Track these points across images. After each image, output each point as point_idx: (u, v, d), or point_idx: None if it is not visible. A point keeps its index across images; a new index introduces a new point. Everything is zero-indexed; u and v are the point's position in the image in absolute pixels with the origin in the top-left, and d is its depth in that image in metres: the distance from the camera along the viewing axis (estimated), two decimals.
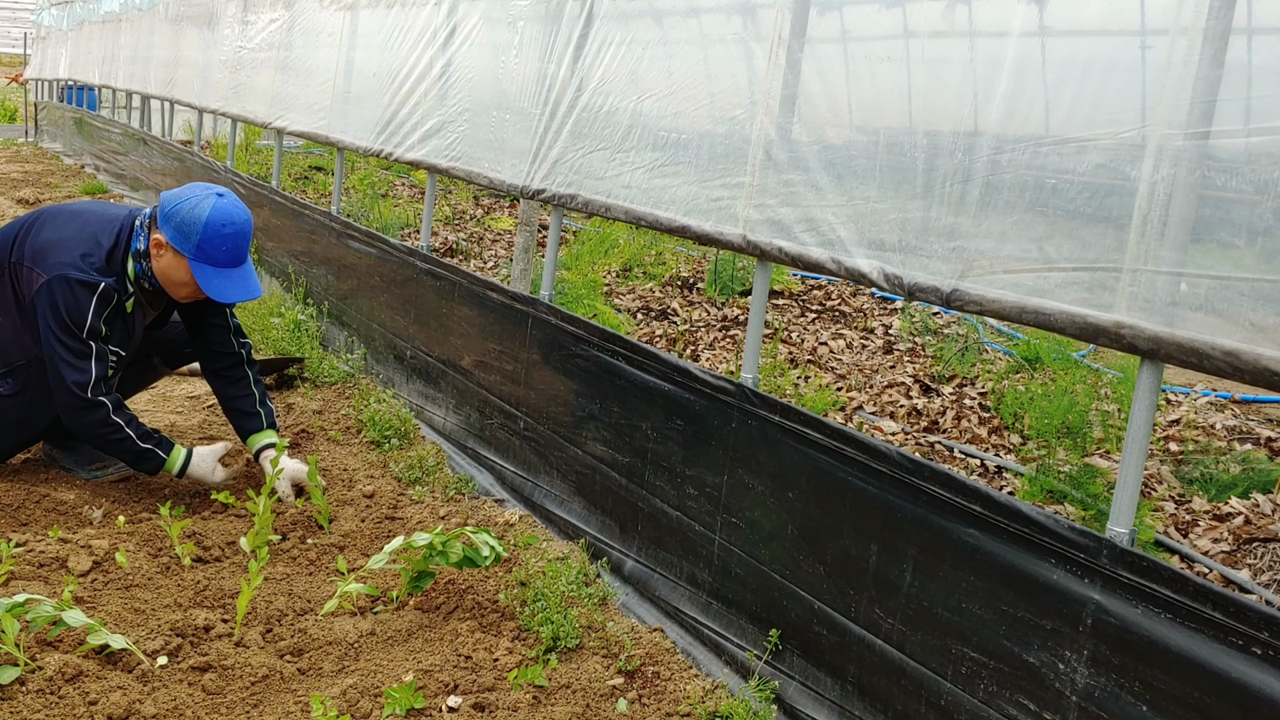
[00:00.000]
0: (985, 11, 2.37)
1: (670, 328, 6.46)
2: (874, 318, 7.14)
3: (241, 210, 3.42)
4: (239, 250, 3.39)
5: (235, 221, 3.36)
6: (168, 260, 3.38)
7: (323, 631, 2.79)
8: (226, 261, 3.37)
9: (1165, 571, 1.84)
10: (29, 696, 2.39)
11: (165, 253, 3.37)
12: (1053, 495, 4.02)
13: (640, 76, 3.35)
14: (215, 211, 3.33)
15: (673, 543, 3.03)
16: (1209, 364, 1.79)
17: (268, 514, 3.16)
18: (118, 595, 2.89)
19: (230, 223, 3.35)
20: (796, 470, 2.61)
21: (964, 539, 2.18)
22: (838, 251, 2.53)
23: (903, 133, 2.45)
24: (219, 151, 10.82)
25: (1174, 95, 1.86)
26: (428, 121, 4.58)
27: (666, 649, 2.83)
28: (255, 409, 3.72)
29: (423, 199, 9.74)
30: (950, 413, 5.12)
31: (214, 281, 3.37)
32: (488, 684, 2.60)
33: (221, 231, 3.33)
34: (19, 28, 25.32)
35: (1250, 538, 3.81)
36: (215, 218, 3.33)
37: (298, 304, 5.73)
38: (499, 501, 3.76)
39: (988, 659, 2.14)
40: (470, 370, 4.14)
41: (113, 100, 12.86)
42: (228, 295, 3.39)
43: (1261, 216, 1.76)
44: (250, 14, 7.24)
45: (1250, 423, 5.10)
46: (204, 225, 3.31)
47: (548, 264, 3.78)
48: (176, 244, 3.33)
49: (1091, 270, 2.01)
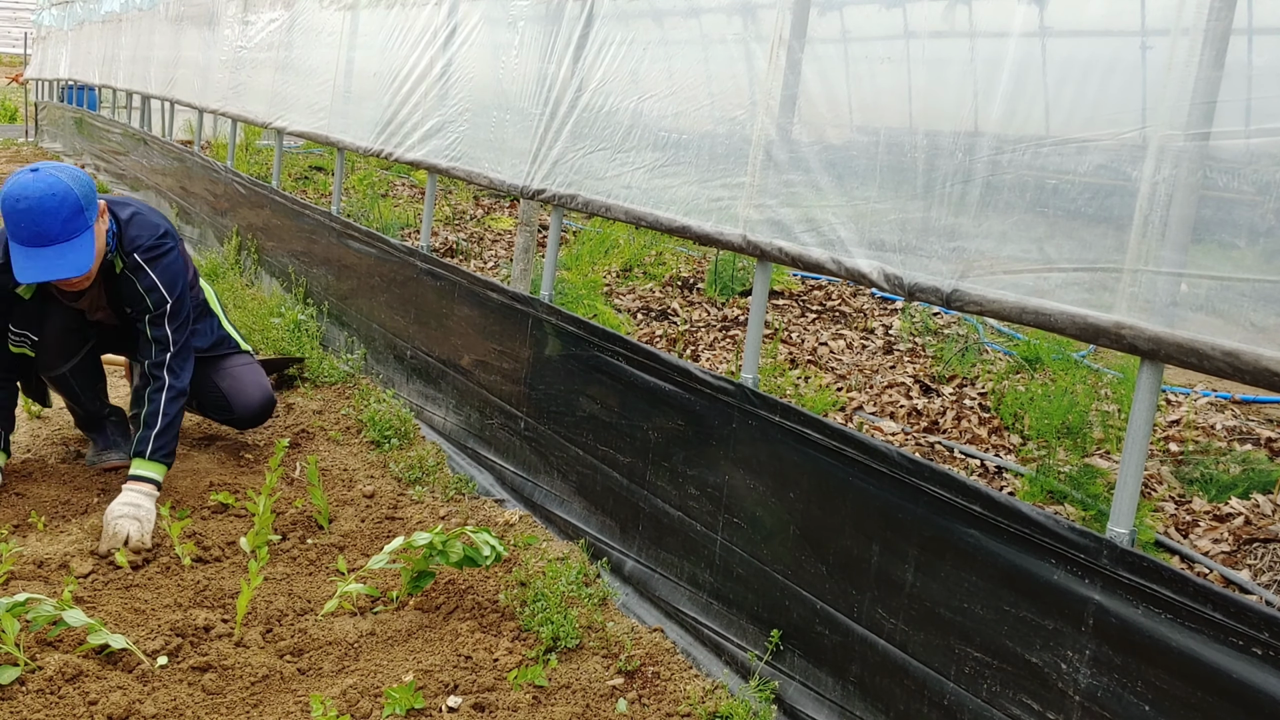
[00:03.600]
0: (985, 12, 2.37)
1: (670, 328, 6.46)
2: (874, 318, 7.14)
3: (46, 184, 3.17)
4: (39, 227, 3.14)
5: (29, 196, 3.14)
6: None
7: (323, 631, 2.79)
8: (26, 239, 3.16)
9: (1165, 572, 1.84)
10: (29, 696, 2.39)
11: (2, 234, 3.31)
12: (1053, 496, 4.02)
13: (641, 77, 3.35)
14: (12, 186, 3.19)
15: (673, 543, 3.03)
16: (1209, 364, 1.79)
17: (268, 514, 3.16)
18: (118, 595, 2.89)
19: (24, 197, 3.14)
20: (797, 470, 2.61)
21: (965, 539, 2.18)
22: (838, 252, 2.53)
23: (903, 133, 2.45)
24: (219, 151, 10.82)
25: (1175, 96, 1.86)
26: (428, 121, 4.58)
27: (666, 649, 2.83)
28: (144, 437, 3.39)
29: (423, 199, 9.74)
30: (950, 413, 5.12)
31: (17, 259, 3.19)
32: (488, 684, 2.60)
33: (16, 207, 3.15)
34: (19, 28, 25.32)
35: (1250, 538, 3.81)
36: (11, 192, 3.17)
37: (298, 304, 5.73)
38: (499, 501, 3.76)
39: (990, 659, 2.14)
40: (470, 370, 4.14)
41: (113, 100, 12.85)
42: (24, 274, 3.17)
43: (1262, 217, 1.76)
44: (250, 14, 7.24)
45: (1250, 423, 5.10)
46: (2, 200, 3.18)
47: (548, 264, 3.78)
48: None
49: (1092, 271, 2.01)
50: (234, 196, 7.22)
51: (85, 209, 3.23)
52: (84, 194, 3.24)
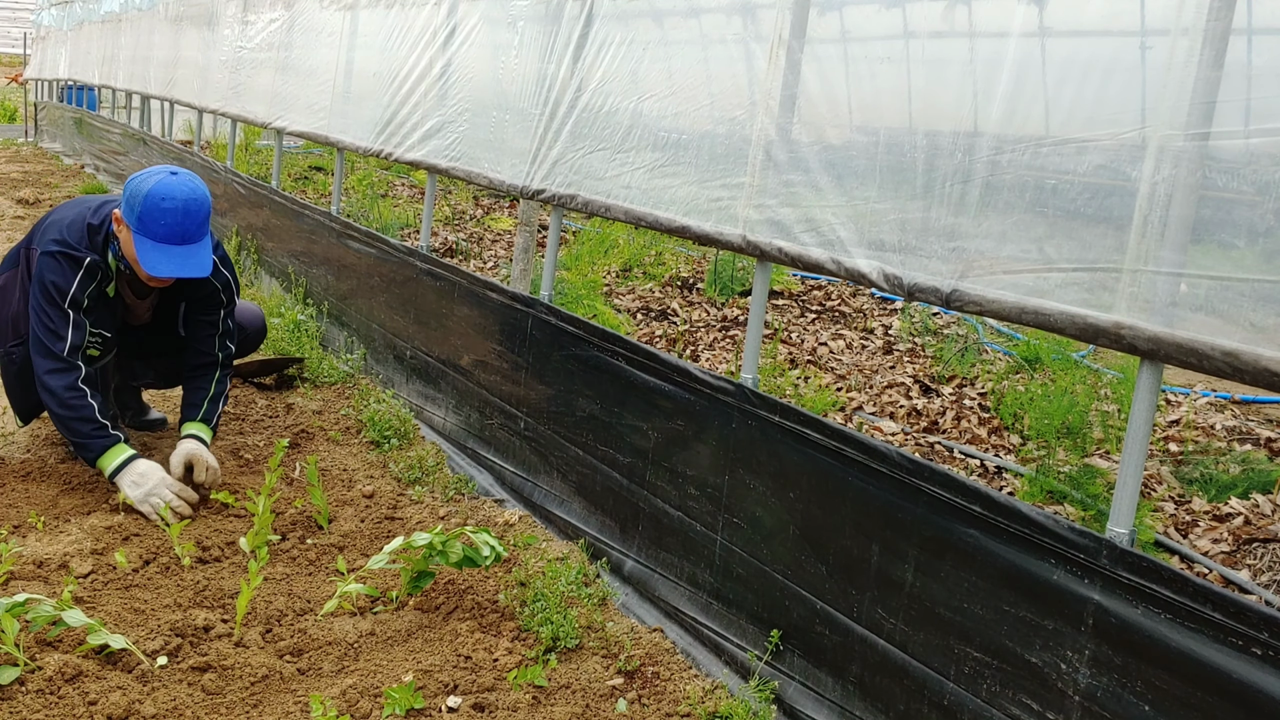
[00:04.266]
0: (985, 12, 2.37)
1: (670, 328, 6.46)
2: (874, 318, 7.14)
3: (189, 189, 3.37)
4: (181, 227, 3.33)
5: (176, 197, 3.32)
6: (125, 236, 3.41)
7: (322, 631, 2.79)
8: (165, 237, 3.32)
9: (1165, 572, 1.85)
10: (29, 696, 2.39)
11: (122, 228, 3.41)
12: (1053, 496, 4.02)
13: (640, 77, 3.35)
14: (158, 185, 3.33)
15: (673, 543, 3.03)
16: (1209, 364, 1.80)
17: (267, 514, 3.16)
18: (117, 595, 2.89)
19: (170, 197, 3.31)
20: (797, 470, 2.61)
21: (965, 539, 2.18)
22: (837, 252, 2.53)
23: (903, 133, 2.45)
24: (219, 151, 10.82)
25: (1174, 96, 1.86)
26: (428, 122, 4.58)
27: (666, 649, 2.83)
28: (199, 402, 3.74)
29: (422, 199, 9.74)
30: (950, 413, 5.12)
31: (149, 255, 3.33)
32: (487, 684, 2.60)
33: (160, 205, 3.30)
34: (19, 28, 25.32)
35: (1250, 538, 3.81)
36: (156, 190, 3.32)
37: (297, 304, 5.73)
38: (499, 501, 3.76)
39: (990, 659, 2.14)
40: (470, 370, 4.14)
41: (113, 100, 12.85)
42: (158, 269, 3.32)
43: (1262, 217, 1.76)
44: (250, 14, 7.24)
45: (1250, 423, 5.10)
46: (145, 197, 3.31)
47: (548, 264, 3.78)
48: (126, 218, 3.37)
49: (1091, 271, 2.01)
50: (234, 196, 7.22)
51: (210, 214, 3.50)
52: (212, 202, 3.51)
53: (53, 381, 3.40)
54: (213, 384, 3.77)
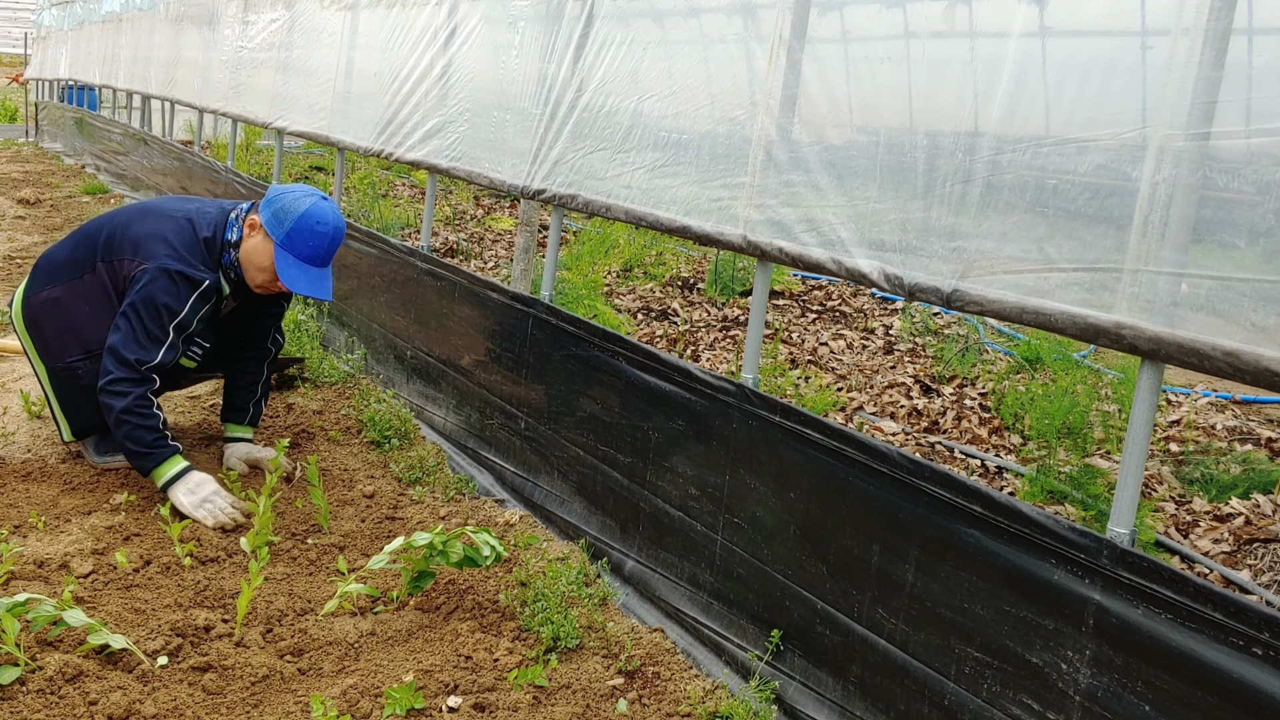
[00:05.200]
0: (986, 12, 2.37)
1: (671, 328, 6.46)
2: (874, 318, 7.14)
3: (339, 217, 3.56)
4: (323, 251, 3.51)
5: (328, 222, 3.50)
6: (256, 242, 3.51)
7: (323, 632, 2.79)
8: (309, 257, 3.49)
9: (1166, 572, 1.84)
10: (29, 696, 2.39)
11: (256, 234, 3.52)
12: (1053, 496, 4.02)
13: (641, 77, 3.35)
14: (314, 208, 3.50)
15: (674, 543, 3.03)
16: (1209, 364, 1.79)
17: (268, 514, 3.16)
18: (118, 595, 2.89)
19: (323, 222, 3.49)
20: (798, 470, 2.61)
21: (965, 539, 2.18)
22: (838, 252, 2.53)
23: (903, 133, 2.45)
24: (220, 151, 10.82)
25: (1175, 96, 1.86)
26: (428, 122, 4.58)
27: (667, 649, 2.83)
28: (246, 405, 3.90)
29: (423, 199, 9.74)
30: (950, 413, 5.12)
31: (290, 271, 3.49)
32: (488, 684, 2.60)
33: (314, 227, 3.47)
34: (19, 28, 25.32)
35: (1250, 538, 3.81)
36: (312, 212, 3.48)
37: (298, 304, 5.73)
38: (499, 502, 3.76)
39: (991, 659, 2.14)
40: (471, 370, 4.14)
41: (113, 100, 12.86)
42: (298, 286, 3.50)
43: (1263, 217, 1.76)
44: (251, 14, 7.24)
45: (1250, 423, 5.10)
46: (300, 216, 3.46)
47: (548, 264, 3.78)
48: (270, 228, 3.48)
49: (1092, 271, 2.01)
50: (234, 197, 7.22)
51: None
52: None
53: (124, 389, 3.36)
54: (259, 384, 3.92)
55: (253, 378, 3.92)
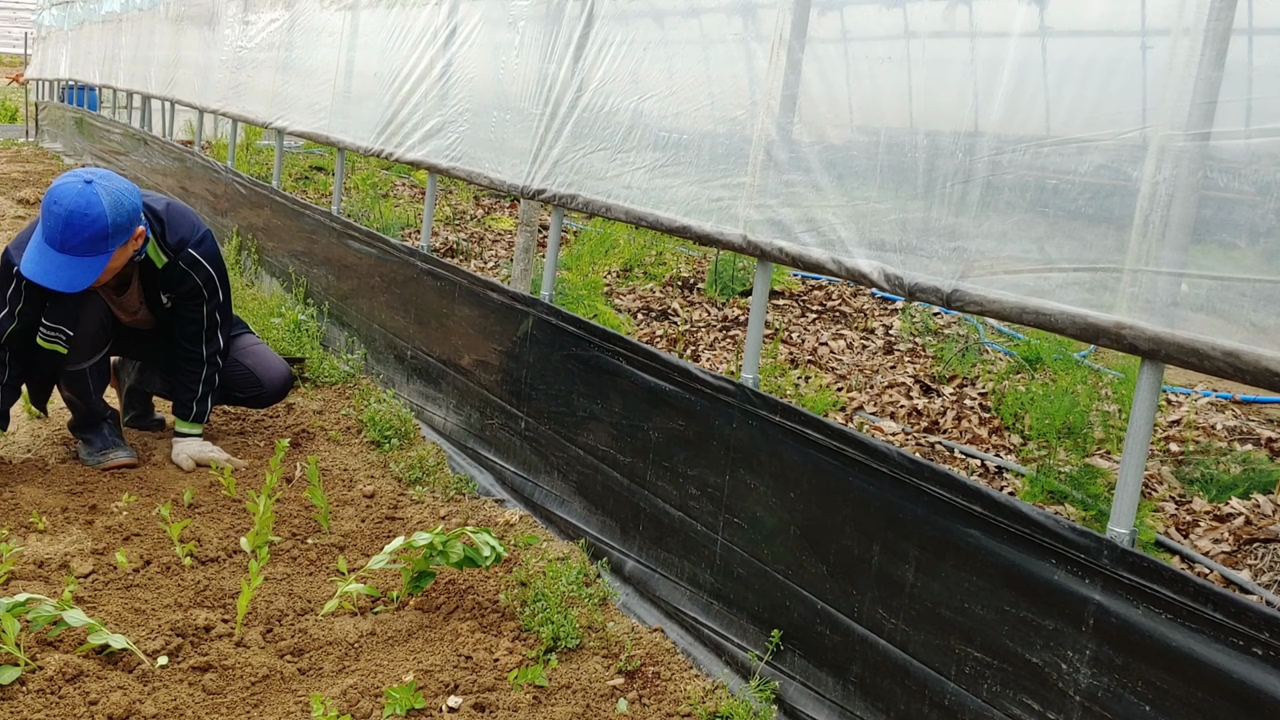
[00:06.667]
0: (986, 12, 2.37)
1: (671, 328, 6.46)
2: (874, 318, 7.14)
3: (84, 201, 3.30)
4: (60, 235, 3.29)
5: (61, 203, 3.29)
6: None
7: (323, 631, 2.79)
8: (49, 240, 3.32)
9: (1166, 572, 1.84)
10: (29, 696, 2.40)
11: None
12: (1053, 496, 4.02)
13: (641, 77, 3.35)
14: (58, 186, 3.34)
15: (674, 543, 3.03)
16: (1210, 365, 1.79)
17: (268, 514, 3.16)
18: (118, 595, 2.89)
19: (58, 202, 3.30)
20: (798, 470, 2.61)
21: (965, 539, 2.18)
22: (838, 252, 2.53)
23: (903, 133, 2.45)
24: (220, 151, 10.82)
25: (1175, 96, 1.86)
26: (428, 122, 4.58)
27: (667, 649, 2.83)
28: (188, 403, 3.86)
29: (423, 199, 9.74)
30: (951, 413, 5.12)
31: (31, 252, 3.35)
32: (488, 684, 2.60)
33: (51, 208, 3.31)
34: (19, 28, 25.30)
35: (1251, 538, 3.81)
36: (53, 190, 3.33)
37: (298, 304, 5.73)
38: (499, 501, 3.76)
39: (991, 659, 2.14)
40: (471, 370, 4.14)
41: (113, 100, 12.85)
42: (29, 269, 3.33)
43: (1263, 217, 1.76)
44: (251, 14, 7.24)
45: (1251, 423, 5.10)
46: (48, 191, 3.35)
47: (548, 264, 3.78)
48: None
49: (1092, 271, 2.01)
50: (234, 196, 7.22)
51: (111, 236, 3.36)
52: (117, 222, 3.37)
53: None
54: (199, 383, 3.84)
55: (187, 377, 3.86)
